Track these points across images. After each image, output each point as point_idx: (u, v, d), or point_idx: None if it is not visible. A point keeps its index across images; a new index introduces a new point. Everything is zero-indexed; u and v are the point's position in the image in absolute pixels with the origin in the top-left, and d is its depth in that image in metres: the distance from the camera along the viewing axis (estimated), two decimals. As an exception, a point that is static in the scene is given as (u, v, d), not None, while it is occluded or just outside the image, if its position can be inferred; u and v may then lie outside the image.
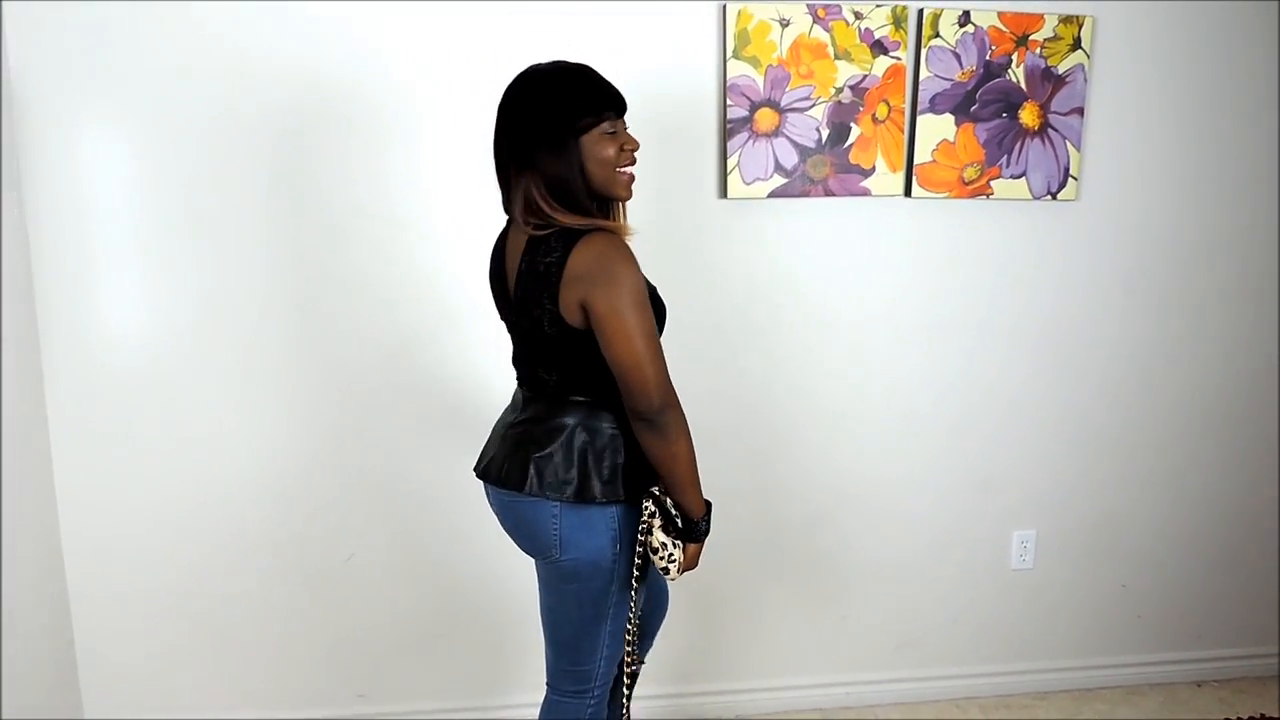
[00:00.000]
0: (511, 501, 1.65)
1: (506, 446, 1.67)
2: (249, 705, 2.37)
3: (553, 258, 1.52)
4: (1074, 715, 2.53)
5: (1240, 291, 2.51)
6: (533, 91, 1.57)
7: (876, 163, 2.28)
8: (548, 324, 1.56)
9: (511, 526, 1.70)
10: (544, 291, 1.53)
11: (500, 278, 1.68)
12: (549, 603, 1.72)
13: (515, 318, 1.64)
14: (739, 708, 2.51)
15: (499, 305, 1.72)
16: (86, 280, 2.15)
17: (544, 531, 1.63)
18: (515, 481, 1.62)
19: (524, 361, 1.68)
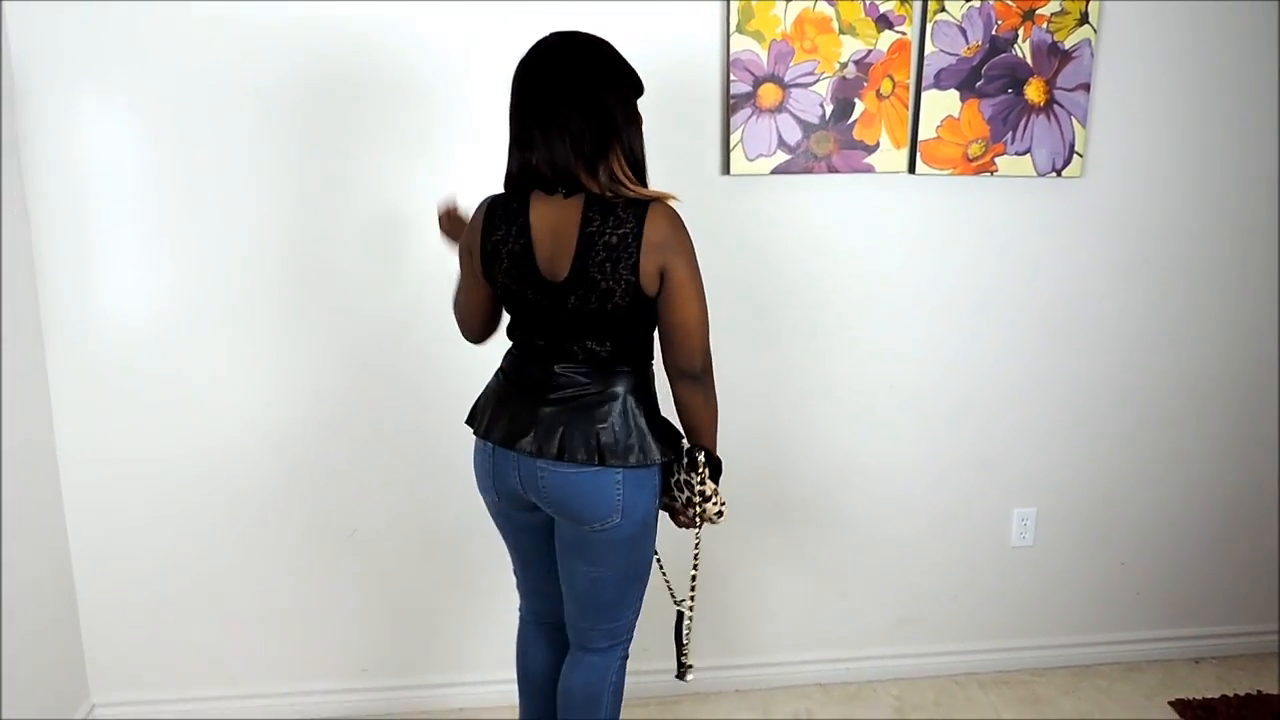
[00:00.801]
0: (572, 474, 1.66)
1: (556, 421, 1.65)
2: (253, 680, 2.39)
3: (626, 228, 1.57)
4: (1072, 691, 2.54)
5: (1243, 271, 2.50)
6: (609, 61, 1.61)
7: (880, 139, 2.27)
8: (621, 294, 1.59)
9: (561, 499, 1.68)
10: (621, 262, 1.58)
11: (523, 252, 1.63)
12: (591, 572, 1.74)
13: (565, 290, 1.61)
14: (740, 682, 2.53)
15: (517, 280, 1.65)
16: (87, 253, 2.15)
17: (607, 500, 1.67)
18: (579, 455, 1.64)
19: (566, 334, 1.65)
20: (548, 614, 1.91)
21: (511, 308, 1.72)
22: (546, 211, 1.62)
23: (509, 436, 1.69)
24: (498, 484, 1.75)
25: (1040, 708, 2.47)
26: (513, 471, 1.72)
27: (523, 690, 1.97)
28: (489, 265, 1.67)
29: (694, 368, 1.66)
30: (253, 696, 2.39)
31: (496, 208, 1.67)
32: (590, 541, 1.71)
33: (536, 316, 1.67)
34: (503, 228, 1.65)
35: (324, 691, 2.41)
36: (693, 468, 1.70)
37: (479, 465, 1.78)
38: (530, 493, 1.72)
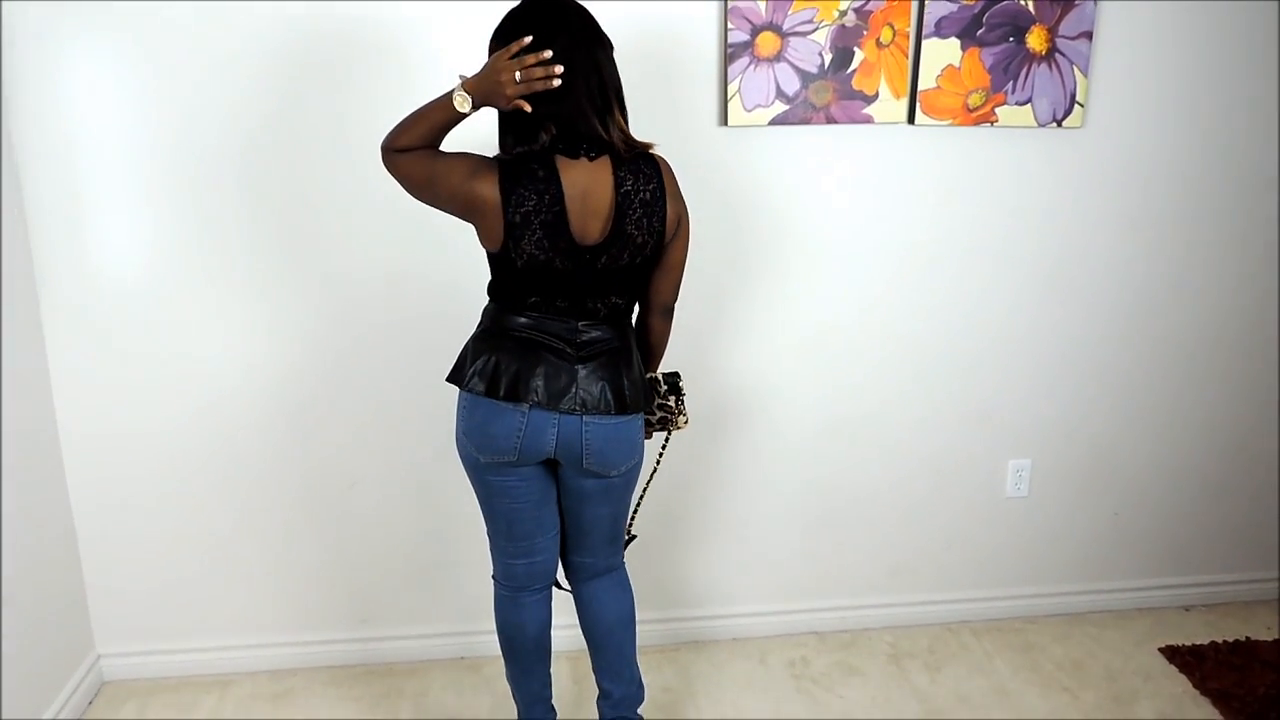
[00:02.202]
0: (612, 425, 1.74)
1: (594, 376, 1.71)
2: (255, 630, 2.42)
3: (654, 183, 1.67)
4: (1063, 637, 2.59)
5: (1245, 222, 2.49)
6: (590, 17, 1.64)
7: (880, 89, 2.24)
8: (650, 246, 1.70)
9: (602, 450, 1.74)
10: (655, 216, 1.67)
11: (556, 222, 1.60)
12: (615, 507, 1.87)
13: (599, 251, 1.64)
14: (737, 630, 2.57)
15: (548, 249, 1.62)
16: (79, 212, 2.13)
17: (635, 445, 1.80)
18: (624, 407, 1.73)
19: (591, 293, 1.68)
20: (540, 575, 1.90)
21: (531, 274, 1.66)
22: (576, 176, 1.61)
23: (553, 397, 1.69)
24: (526, 444, 1.72)
25: (1032, 654, 2.51)
26: (550, 430, 1.72)
27: (525, 655, 1.94)
28: (514, 237, 1.62)
29: (673, 301, 1.84)
30: (255, 646, 2.42)
31: (518, 174, 1.61)
32: (613, 486, 1.82)
33: (560, 281, 1.67)
34: (533, 198, 1.60)
35: (325, 641, 2.45)
36: (674, 392, 1.89)
37: (499, 428, 1.72)
38: (563, 450, 1.74)
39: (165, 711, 2.29)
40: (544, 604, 1.93)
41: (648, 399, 1.85)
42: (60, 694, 2.21)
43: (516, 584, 1.90)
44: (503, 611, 1.93)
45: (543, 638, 1.94)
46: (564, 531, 1.92)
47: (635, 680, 1.99)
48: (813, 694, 2.35)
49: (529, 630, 1.91)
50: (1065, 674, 2.43)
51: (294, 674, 2.42)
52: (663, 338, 1.87)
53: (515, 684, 1.98)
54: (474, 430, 1.75)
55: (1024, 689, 2.37)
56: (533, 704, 1.98)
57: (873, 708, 2.30)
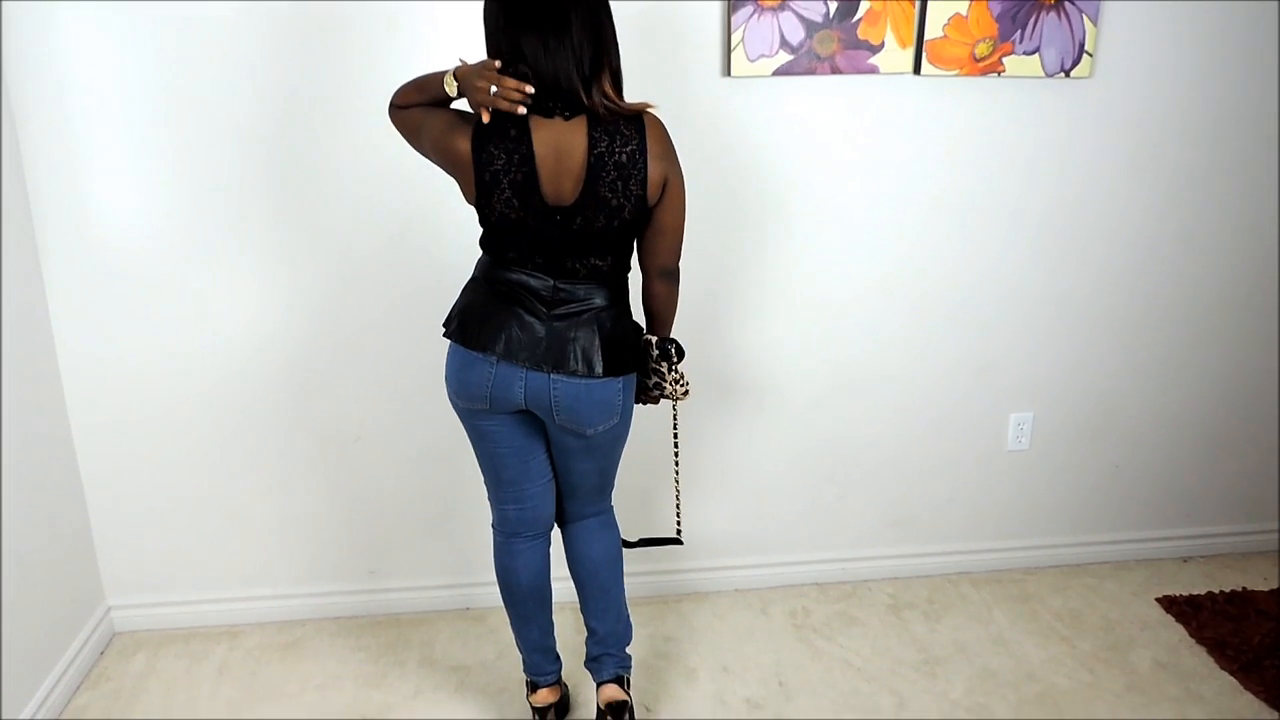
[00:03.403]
0: (583, 386, 1.73)
1: (565, 335, 1.70)
2: (263, 581, 2.46)
3: (633, 144, 1.62)
4: (1062, 588, 2.61)
5: (1252, 173, 2.47)
6: None
7: (886, 38, 2.21)
8: (630, 210, 1.66)
9: (572, 408, 1.75)
10: (631, 178, 1.63)
11: (526, 181, 1.60)
12: (600, 463, 1.89)
13: (572, 213, 1.63)
14: (739, 582, 2.60)
15: (518, 209, 1.63)
16: (75, 159, 2.12)
17: (611, 406, 1.78)
18: (594, 368, 1.72)
19: (568, 253, 1.67)
20: (531, 523, 1.93)
21: (505, 231, 1.67)
22: (549, 136, 1.61)
23: (517, 351, 1.70)
24: (496, 393, 1.75)
25: (1030, 604, 2.54)
26: (518, 384, 1.73)
27: (520, 601, 1.96)
28: (485, 194, 1.63)
29: (674, 265, 1.80)
30: (263, 598, 2.46)
31: (490, 132, 1.60)
32: (594, 443, 1.83)
33: (535, 240, 1.67)
34: (502, 156, 1.60)
35: (333, 592, 2.48)
36: (665, 358, 1.83)
37: (471, 375, 1.75)
38: (533, 403, 1.75)
39: (176, 661, 2.33)
40: (537, 551, 1.96)
41: (641, 363, 1.83)
42: (72, 645, 2.24)
43: (509, 529, 1.94)
44: (498, 557, 1.97)
45: (537, 585, 1.96)
46: (558, 483, 1.95)
47: (622, 619, 2.02)
48: (813, 643, 2.38)
49: (521, 576, 1.94)
50: (1063, 623, 2.46)
51: (302, 624, 2.46)
52: (667, 302, 1.83)
53: (516, 631, 2.02)
54: (451, 375, 1.80)
55: (1022, 638, 2.40)
56: (532, 651, 2.02)
57: (872, 656, 2.33)
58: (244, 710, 2.16)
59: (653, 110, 1.67)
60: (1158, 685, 2.23)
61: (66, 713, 2.15)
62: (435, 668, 2.30)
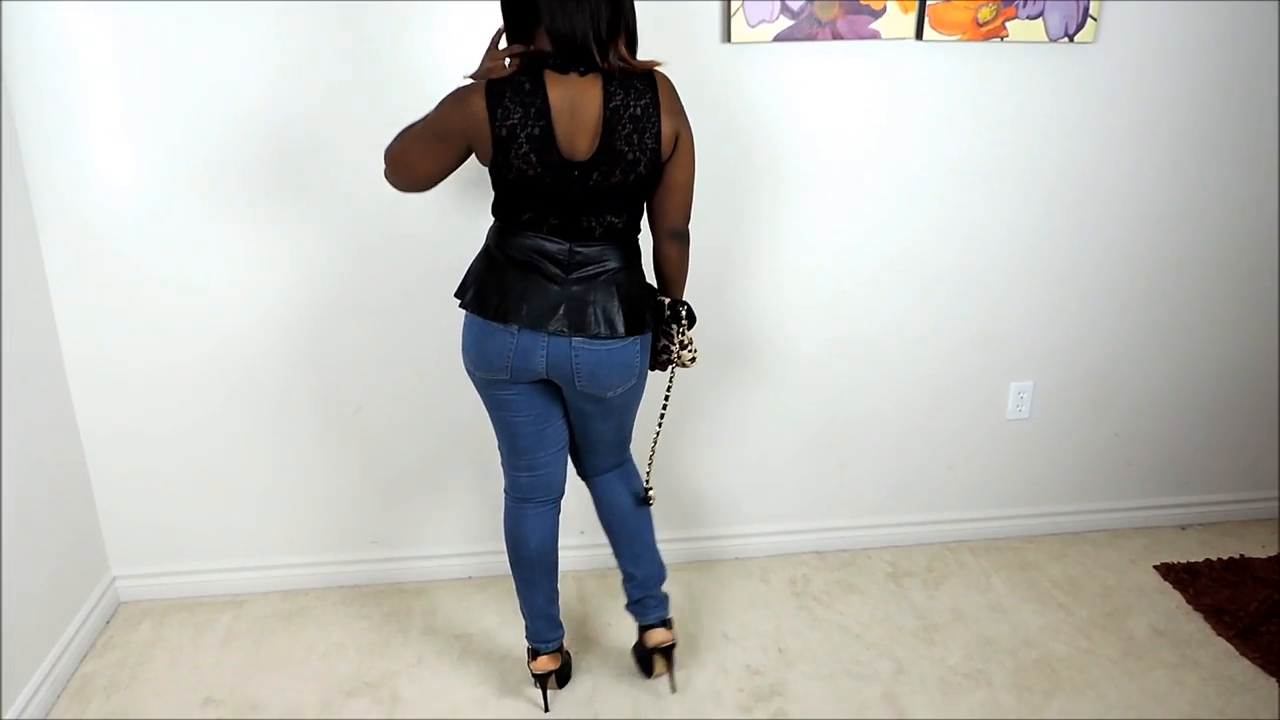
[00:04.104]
0: (603, 349, 1.75)
1: (585, 298, 1.71)
2: (267, 551, 2.47)
3: (646, 99, 1.64)
4: (1060, 556, 2.63)
5: (1256, 141, 2.44)
6: None
7: (887, 3, 2.18)
8: (645, 164, 1.67)
9: (593, 371, 1.76)
10: (645, 131, 1.64)
11: (543, 135, 1.60)
12: (617, 420, 1.91)
13: (588, 168, 1.64)
14: (739, 550, 2.61)
15: (535, 164, 1.62)
16: (74, 134, 2.10)
17: (630, 367, 1.80)
18: (617, 329, 1.73)
19: (584, 211, 1.68)
20: (544, 489, 1.96)
21: (522, 190, 1.67)
22: (564, 91, 1.60)
23: (539, 318, 1.71)
24: (517, 363, 1.76)
25: (1029, 572, 2.56)
26: (539, 351, 1.74)
27: (528, 566, 1.98)
28: (503, 150, 1.62)
29: (684, 225, 1.81)
30: (266, 567, 2.47)
31: (502, 90, 1.61)
32: (612, 405, 1.86)
33: (551, 198, 1.66)
34: (518, 110, 1.60)
35: (335, 562, 2.50)
36: (675, 320, 1.83)
37: (491, 345, 1.76)
38: (554, 371, 1.76)
39: (180, 630, 2.35)
40: (547, 517, 1.98)
41: (656, 323, 1.84)
42: (77, 614, 2.26)
43: (521, 495, 1.97)
44: (509, 522, 1.99)
45: (545, 551, 1.99)
46: (575, 442, 1.98)
47: (656, 560, 2.07)
48: (813, 610, 2.40)
49: (531, 542, 1.97)
50: (1061, 591, 2.48)
51: (306, 594, 2.48)
52: (678, 265, 1.85)
53: (521, 596, 2.04)
54: (470, 346, 1.80)
55: (1020, 605, 2.42)
56: (536, 617, 2.03)
57: (871, 623, 2.35)
58: (249, 679, 2.19)
59: (661, 68, 1.68)
60: (1154, 651, 2.25)
61: (72, 682, 2.17)
62: (437, 636, 2.32)
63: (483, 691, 2.14)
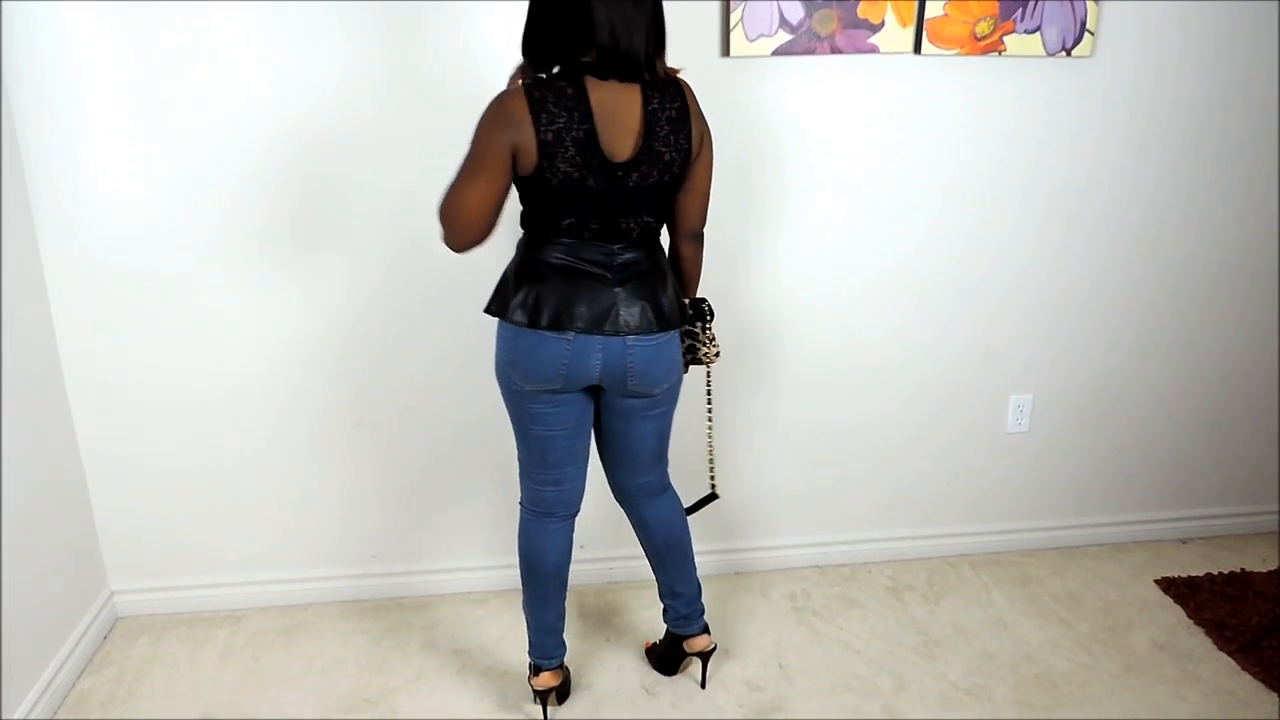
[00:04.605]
0: (653, 344, 1.80)
1: (634, 297, 1.76)
2: (265, 566, 2.46)
3: (679, 102, 1.71)
4: (1061, 570, 2.62)
5: (1253, 153, 2.45)
6: None
7: (886, 17, 2.19)
8: (679, 164, 1.73)
9: (645, 369, 1.80)
10: (680, 133, 1.71)
11: (587, 138, 1.63)
12: (657, 426, 1.93)
13: (629, 168, 1.68)
14: (740, 565, 2.61)
15: (581, 166, 1.65)
16: (74, 149, 2.10)
17: (675, 361, 1.86)
18: (665, 323, 1.79)
19: (623, 213, 1.72)
20: (566, 504, 1.97)
21: (565, 194, 1.68)
22: (603, 95, 1.65)
23: (596, 321, 1.74)
24: (572, 370, 1.77)
25: (1029, 586, 2.55)
26: (595, 355, 1.76)
27: (543, 581, 1.98)
28: (548, 155, 1.64)
29: (702, 227, 1.88)
30: (266, 582, 2.47)
31: (544, 95, 1.63)
32: (656, 403, 1.89)
33: (593, 201, 1.69)
34: (562, 114, 1.62)
35: (335, 577, 2.49)
36: (700, 317, 1.93)
37: (545, 356, 1.76)
38: (608, 373, 1.79)
39: (178, 646, 2.34)
40: (565, 532, 1.99)
41: (684, 317, 1.89)
42: (75, 630, 2.25)
43: (544, 509, 1.96)
44: (527, 536, 1.98)
45: (561, 565, 1.99)
46: (611, 456, 1.98)
47: (696, 578, 2.13)
48: (813, 625, 2.39)
49: (550, 556, 1.97)
50: (1062, 605, 2.47)
51: (305, 609, 2.47)
52: (695, 264, 1.91)
53: (531, 611, 2.02)
54: (519, 360, 1.79)
55: (1021, 620, 2.41)
56: (544, 633, 2.02)
57: (872, 638, 2.34)
58: (246, 695, 2.18)
59: (682, 74, 1.76)
60: (1156, 666, 2.24)
61: (69, 698, 2.16)
62: (437, 651, 2.31)
63: (482, 707, 2.13)
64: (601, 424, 1.94)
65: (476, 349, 2.33)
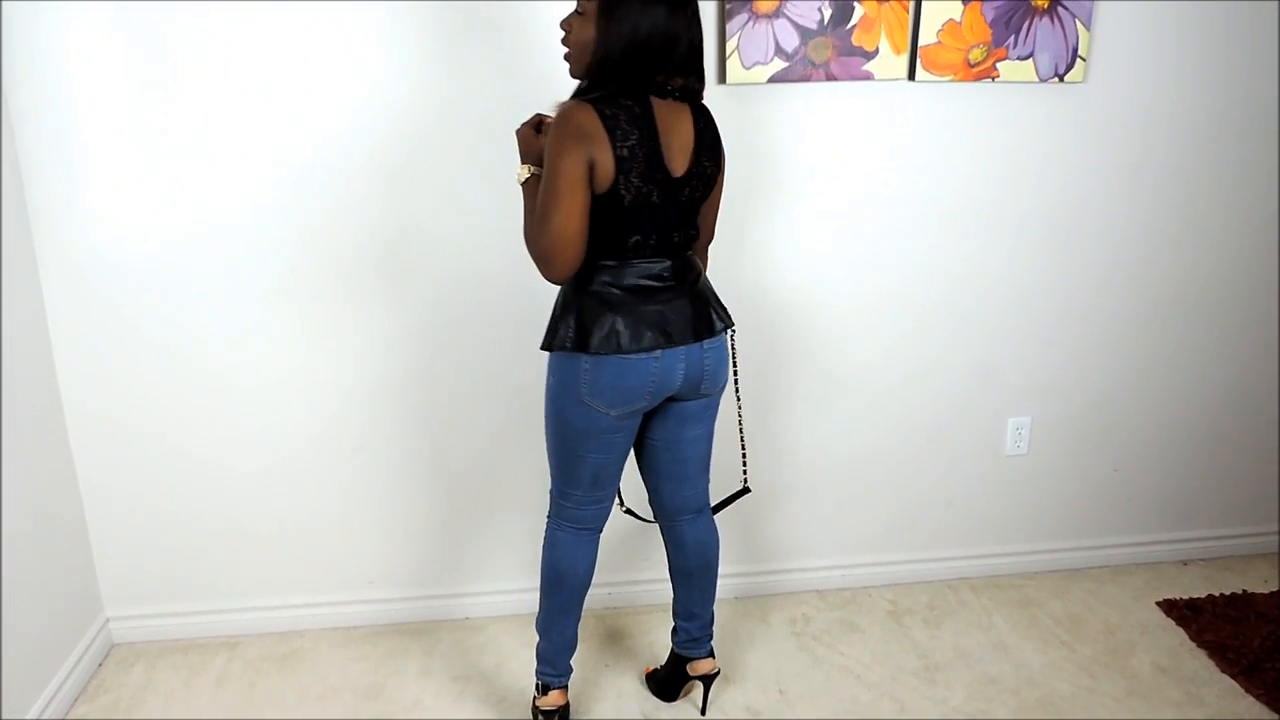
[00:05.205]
0: (718, 345, 1.88)
1: (698, 303, 1.83)
2: (262, 592, 2.45)
3: (712, 121, 1.82)
4: (1062, 593, 2.61)
5: (1245, 177, 2.47)
6: None
7: (880, 45, 2.22)
8: (713, 180, 1.84)
9: (715, 369, 1.88)
10: (716, 150, 1.83)
11: (652, 154, 1.70)
12: (706, 430, 1.97)
13: (683, 183, 1.76)
14: (738, 590, 2.59)
15: (649, 181, 1.70)
16: (75, 177, 2.11)
17: (729, 356, 1.93)
18: (723, 324, 1.88)
19: (677, 225, 1.79)
20: (603, 517, 1.99)
21: (634, 212, 1.71)
22: (665, 113, 1.73)
23: (683, 334, 1.79)
24: (658, 387, 1.81)
25: (1030, 609, 2.54)
26: (679, 366, 1.81)
27: (573, 591, 1.99)
28: (624, 171, 1.68)
29: (711, 240, 1.99)
30: (262, 608, 2.45)
31: (615, 113, 1.66)
32: (711, 403, 1.94)
33: (655, 216, 1.74)
34: (634, 133, 1.68)
35: (331, 603, 2.47)
36: None
37: (634, 378, 1.78)
38: (687, 380, 1.84)
39: (174, 673, 2.32)
40: (597, 543, 2.01)
41: None
42: (70, 657, 2.23)
43: (584, 524, 1.97)
44: (562, 549, 1.97)
45: (589, 576, 2.01)
46: (660, 470, 1.99)
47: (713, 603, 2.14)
48: (813, 650, 2.38)
49: (581, 567, 1.98)
50: (1063, 628, 2.46)
51: (301, 635, 2.45)
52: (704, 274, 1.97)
53: (552, 625, 2.00)
54: (604, 388, 1.79)
55: (1022, 643, 2.40)
56: (561, 650, 2.02)
57: (873, 663, 2.33)
58: (243, 722, 2.16)
59: None
60: (1159, 689, 2.23)
61: (64, 726, 2.15)
62: (434, 678, 2.30)
63: (480, 734, 2.11)
64: (651, 439, 1.96)
65: (471, 378, 2.34)
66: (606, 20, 1.65)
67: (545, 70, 2.05)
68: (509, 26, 2.12)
